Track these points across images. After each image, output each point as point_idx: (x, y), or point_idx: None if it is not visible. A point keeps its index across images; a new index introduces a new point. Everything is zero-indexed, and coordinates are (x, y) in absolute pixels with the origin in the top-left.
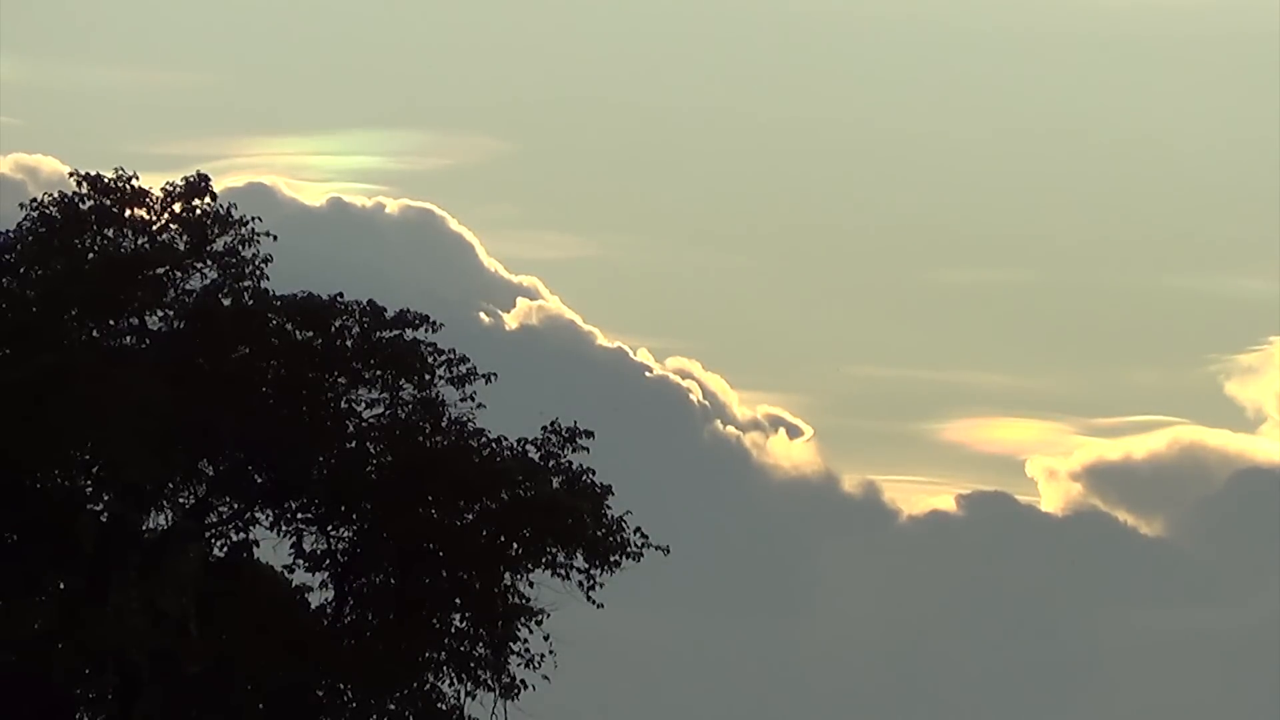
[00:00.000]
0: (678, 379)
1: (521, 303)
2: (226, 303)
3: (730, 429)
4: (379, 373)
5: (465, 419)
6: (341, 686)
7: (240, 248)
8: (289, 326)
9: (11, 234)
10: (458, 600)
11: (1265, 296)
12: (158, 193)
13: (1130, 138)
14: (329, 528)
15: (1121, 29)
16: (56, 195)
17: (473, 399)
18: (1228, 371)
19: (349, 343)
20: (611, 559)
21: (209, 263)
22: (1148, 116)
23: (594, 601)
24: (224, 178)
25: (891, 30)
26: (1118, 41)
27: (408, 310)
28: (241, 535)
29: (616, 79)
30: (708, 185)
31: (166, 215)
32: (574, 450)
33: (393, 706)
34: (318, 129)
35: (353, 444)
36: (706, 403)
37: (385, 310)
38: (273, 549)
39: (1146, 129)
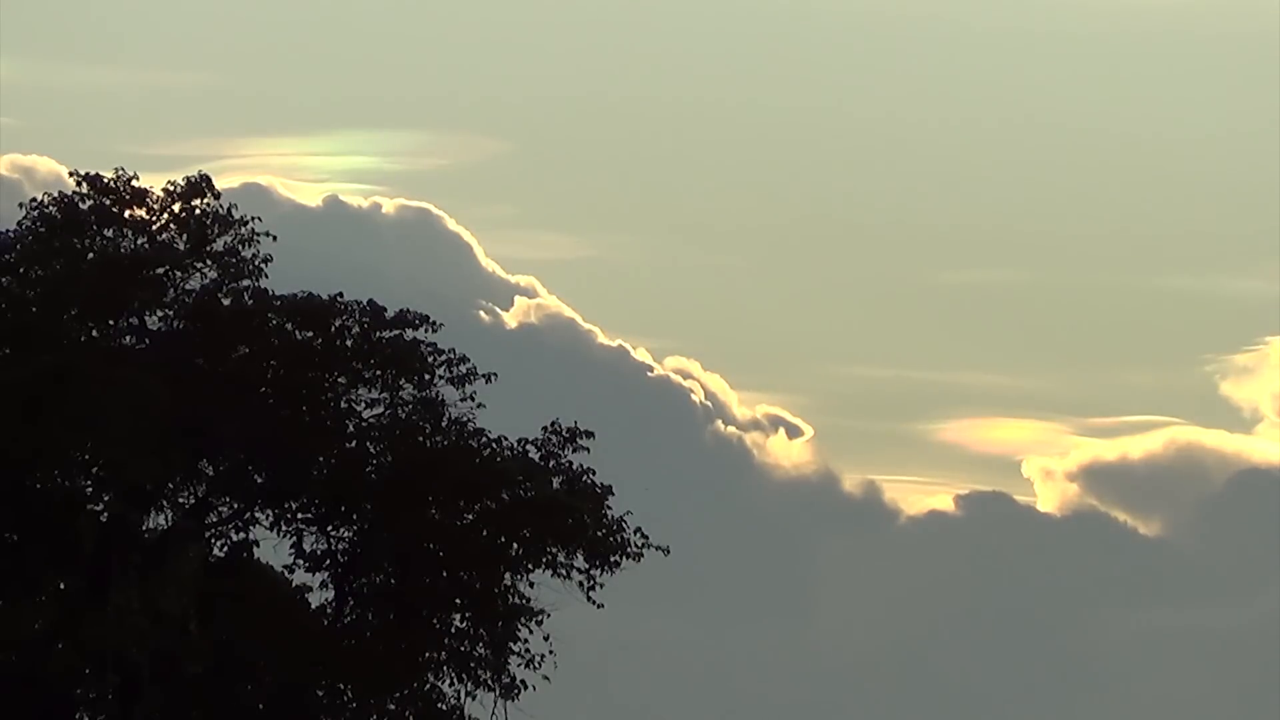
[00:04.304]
0: (679, 379)
1: (520, 301)
2: (226, 303)
3: (730, 429)
4: (379, 373)
5: (465, 419)
6: (341, 686)
7: (240, 248)
8: (289, 326)
9: (11, 234)
10: (458, 600)
11: (1261, 296)
12: (158, 193)
13: (1127, 137)
14: (329, 528)
15: (1121, 29)
16: (56, 195)
17: (473, 399)
18: (1223, 371)
19: (349, 343)
20: (611, 559)
21: (209, 263)
22: (1145, 116)
23: (594, 601)
24: (220, 178)
25: (890, 29)
26: (1116, 41)
27: (407, 310)
28: (241, 535)
29: (614, 79)
30: (706, 185)
31: (166, 215)
32: (574, 450)
33: (393, 707)
34: (313, 129)
35: (353, 444)
36: (708, 403)
37: (385, 310)
38: (273, 549)
39: (1143, 129)
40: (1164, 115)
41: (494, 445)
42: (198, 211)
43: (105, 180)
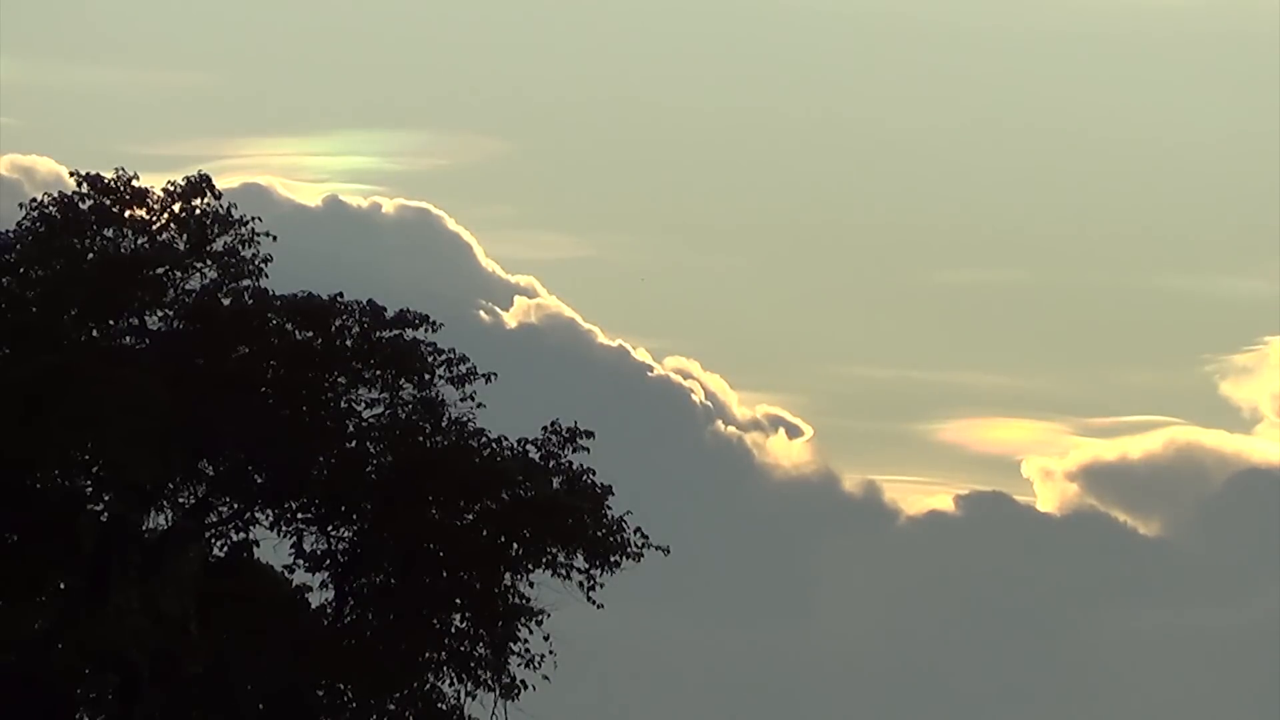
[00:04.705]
0: (679, 379)
1: (520, 301)
2: (226, 303)
3: (730, 429)
4: (379, 373)
5: (465, 419)
6: (341, 687)
7: (240, 248)
8: (289, 326)
9: (11, 234)
10: (458, 600)
11: (1260, 296)
12: (158, 193)
13: (1126, 138)
14: (329, 528)
15: (1120, 29)
16: (56, 195)
17: (473, 399)
18: (1223, 372)
19: (349, 343)
20: (611, 559)
21: (209, 263)
22: (1144, 117)
23: (594, 601)
24: (220, 178)
25: (890, 30)
26: (1115, 42)
27: (407, 310)
28: (241, 535)
29: (614, 79)
30: (705, 185)
31: (166, 215)
32: (574, 450)
33: (393, 707)
34: (313, 129)
35: (353, 444)
36: (708, 403)
37: (385, 310)
38: (273, 549)
39: (1143, 129)
40: (1164, 115)
41: (494, 445)
42: (198, 211)
43: (105, 180)
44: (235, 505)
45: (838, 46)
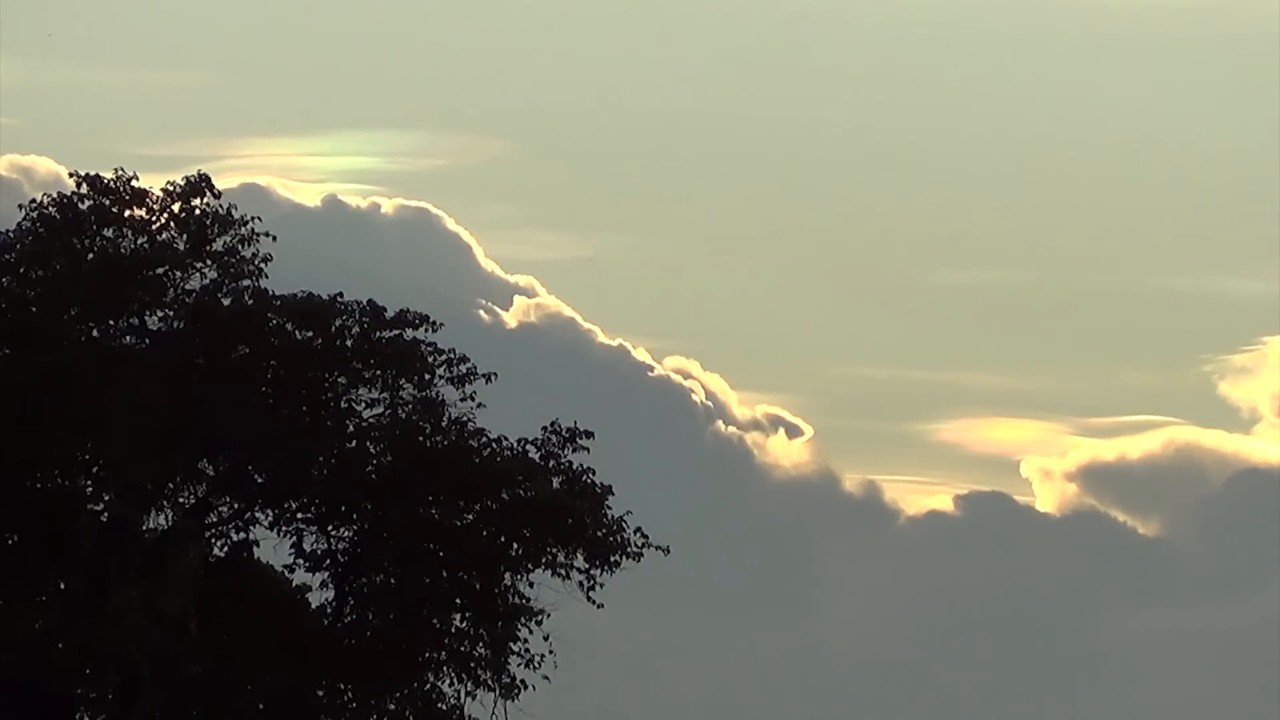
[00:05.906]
0: (679, 379)
1: (520, 301)
2: (226, 303)
3: (730, 429)
4: (379, 373)
5: (465, 419)
6: (341, 686)
7: (240, 248)
8: (289, 326)
9: (11, 234)
10: (458, 600)
11: (1259, 297)
12: (158, 193)
13: (1125, 138)
14: (329, 528)
15: (1118, 29)
16: (56, 195)
17: (473, 399)
18: (1221, 372)
19: (349, 343)
20: (611, 559)
21: (209, 263)
22: (1143, 117)
23: (594, 601)
24: (219, 178)
25: (889, 31)
26: (1114, 42)
27: (408, 310)
28: (241, 535)
29: (614, 79)
30: (705, 186)
31: (166, 215)
32: (574, 450)
33: (393, 706)
34: (312, 130)
35: (353, 444)
36: (708, 403)
37: (385, 310)
38: (273, 549)
39: (1142, 130)
40: (1163, 116)
41: (494, 445)
42: (198, 211)
43: (105, 180)
44: (235, 505)
45: (837, 48)
